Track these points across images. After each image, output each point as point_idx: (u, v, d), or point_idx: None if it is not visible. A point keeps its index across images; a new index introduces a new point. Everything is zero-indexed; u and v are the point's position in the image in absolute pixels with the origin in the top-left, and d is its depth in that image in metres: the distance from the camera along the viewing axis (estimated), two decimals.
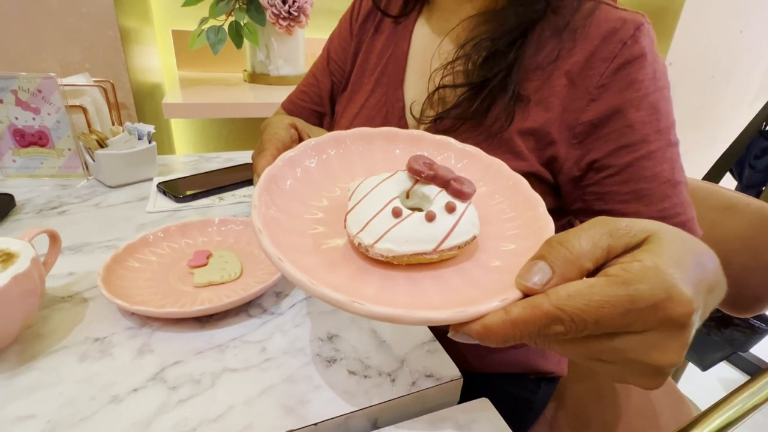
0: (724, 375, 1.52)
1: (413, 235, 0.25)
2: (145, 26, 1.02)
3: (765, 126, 1.01)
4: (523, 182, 0.31)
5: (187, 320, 0.35)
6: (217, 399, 0.29)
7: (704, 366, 1.11)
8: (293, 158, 0.31)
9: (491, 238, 0.28)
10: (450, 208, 0.26)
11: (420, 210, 0.26)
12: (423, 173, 0.27)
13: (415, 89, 0.52)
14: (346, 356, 0.33)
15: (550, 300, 0.19)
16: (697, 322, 0.19)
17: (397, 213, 0.25)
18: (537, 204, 0.29)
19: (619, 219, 0.21)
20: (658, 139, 0.42)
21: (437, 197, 0.26)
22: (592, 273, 0.20)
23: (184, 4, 0.96)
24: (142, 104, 0.88)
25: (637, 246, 0.20)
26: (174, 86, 1.00)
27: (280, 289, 0.40)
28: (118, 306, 0.34)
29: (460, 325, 0.20)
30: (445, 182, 0.27)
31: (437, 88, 0.48)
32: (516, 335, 0.19)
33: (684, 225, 0.42)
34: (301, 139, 0.40)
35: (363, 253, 0.26)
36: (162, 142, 1.04)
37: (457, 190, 0.26)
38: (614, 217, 0.22)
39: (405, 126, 0.52)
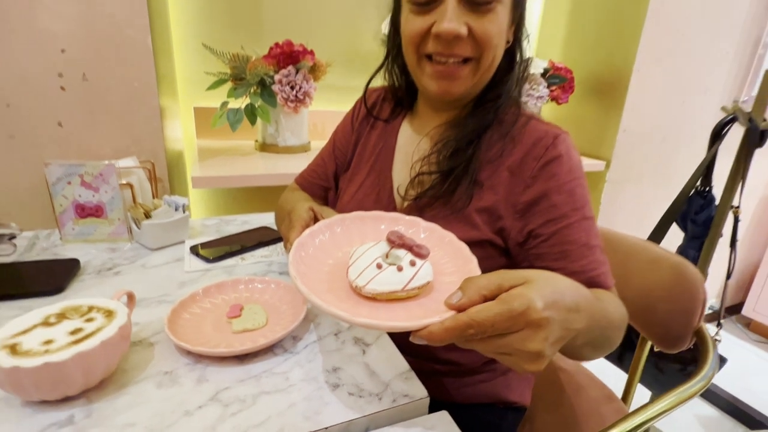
0: (699, 411, 1.61)
1: (389, 280, 0.40)
2: (173, 104, 1.20)
3: (699, 186, 1.18)
4: (465, 248, 0.47)
5: (230, 357, 0.48)
6: (258, 412, 0.41)
7: None
8: (313, 232, 0.48)
9: (440, 284, 0.43)
10: (412, 264, 0.41)
11: (394, 265, 0.41)
12: (396, 242, 0.43)
13: (401, 175, 0.68)
14: (346, 383, 0.46)
15: (467, 314, 0.34)
16: (552, 324, 0.33)
17: (379, 266, 0.41)
18: (471, 262, 0.44)
19: (512, 270, 0.36)
20: (575, 214, 0.57)
21: (405, 257, 0.42)
22: (492, 299, 0.35)
23: (208, 89, 1.15)
24: (171, 172, 1.04)
25: (519, 285, 0.35)
26: (194, 156, 1.16)
27: (296, 334, 0.54)
28: (183, 347, 0.47)
29: (416, 332, 0.35)
30: (409, 247, 0.42)
31: (417, 174, 0.64)
32: (448, 337, 0.34)
33: (598, 277, 0.56)
34: (317, 218, 0.56)
35: (358, 292, 0.41)
36: None
37: (417, 252, 0.42)
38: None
39: (393, 202, 0.67)
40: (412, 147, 0.68)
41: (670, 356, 1.23)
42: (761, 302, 2.20)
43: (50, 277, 0.64)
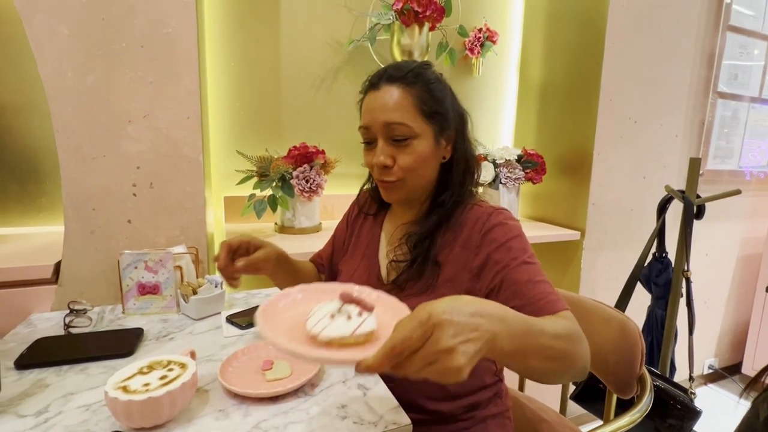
0: None
1: (340, 327, 0.48)
2: (210, 195, 1.45)
3: (656, 252, 1.37)
4: (403, 307, 0.57)
5: (266, 398, 0.65)
6: None
7: None
8: (277, 297, 0.58)
9: (384, 334, 0.52)
10: (360, 314, 0.50)
11: (345, 314, 0.51)
12: (346, 299, 0.53)
13: (384, 261, 0.88)
14: (351, 415, 0.63)
15: (389, 339, 0.41)
16: (453, 323, 0.40)
17: (332, 316, 0.50)
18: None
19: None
20: (514, 262, 0.71)
21: (354, 310, 0.51)
22: None
23: (238, 184, 1.41)
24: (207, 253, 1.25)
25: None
26: (223, 238, 1.39)
27: (314, 382, 0.71)
28: (232, 391, 0.65)
29: (356, 368, 0.42)
30: (358, 303, 0.53)
31: (391, 261, 0.83)
32: (381, 363, 0.40)
33: (546, 305, 0.65)
34: (249, 244, 0.79)
35: (315, 340, 0.48)
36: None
37: (364, 306, 0.53)
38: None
39: (382, 281, 0.85)
40: (388, 240, 0.89)
41: (665, 416, 1.31)
42: (758, 360, 2.26)
43: (123, 343, 0.82)
